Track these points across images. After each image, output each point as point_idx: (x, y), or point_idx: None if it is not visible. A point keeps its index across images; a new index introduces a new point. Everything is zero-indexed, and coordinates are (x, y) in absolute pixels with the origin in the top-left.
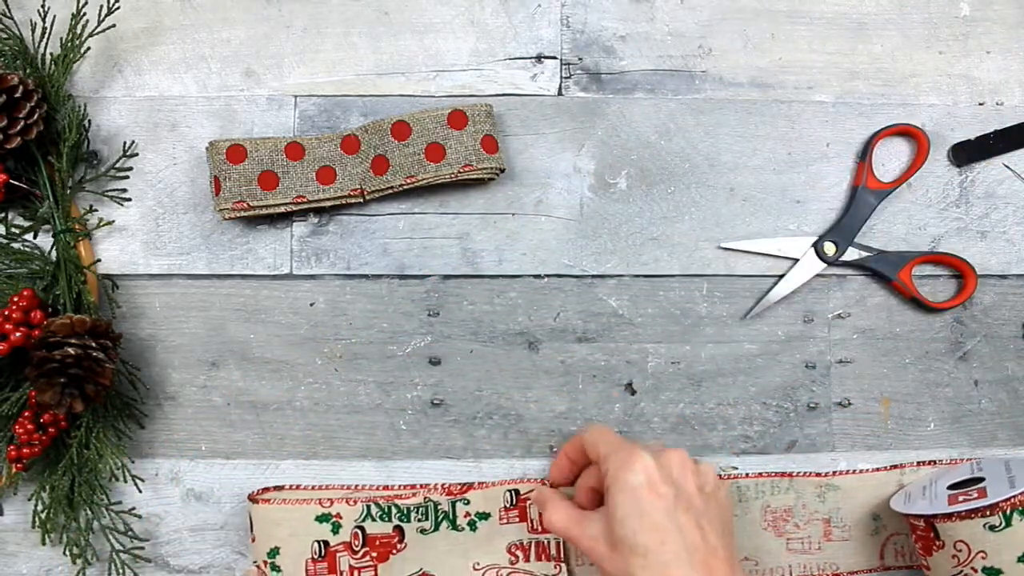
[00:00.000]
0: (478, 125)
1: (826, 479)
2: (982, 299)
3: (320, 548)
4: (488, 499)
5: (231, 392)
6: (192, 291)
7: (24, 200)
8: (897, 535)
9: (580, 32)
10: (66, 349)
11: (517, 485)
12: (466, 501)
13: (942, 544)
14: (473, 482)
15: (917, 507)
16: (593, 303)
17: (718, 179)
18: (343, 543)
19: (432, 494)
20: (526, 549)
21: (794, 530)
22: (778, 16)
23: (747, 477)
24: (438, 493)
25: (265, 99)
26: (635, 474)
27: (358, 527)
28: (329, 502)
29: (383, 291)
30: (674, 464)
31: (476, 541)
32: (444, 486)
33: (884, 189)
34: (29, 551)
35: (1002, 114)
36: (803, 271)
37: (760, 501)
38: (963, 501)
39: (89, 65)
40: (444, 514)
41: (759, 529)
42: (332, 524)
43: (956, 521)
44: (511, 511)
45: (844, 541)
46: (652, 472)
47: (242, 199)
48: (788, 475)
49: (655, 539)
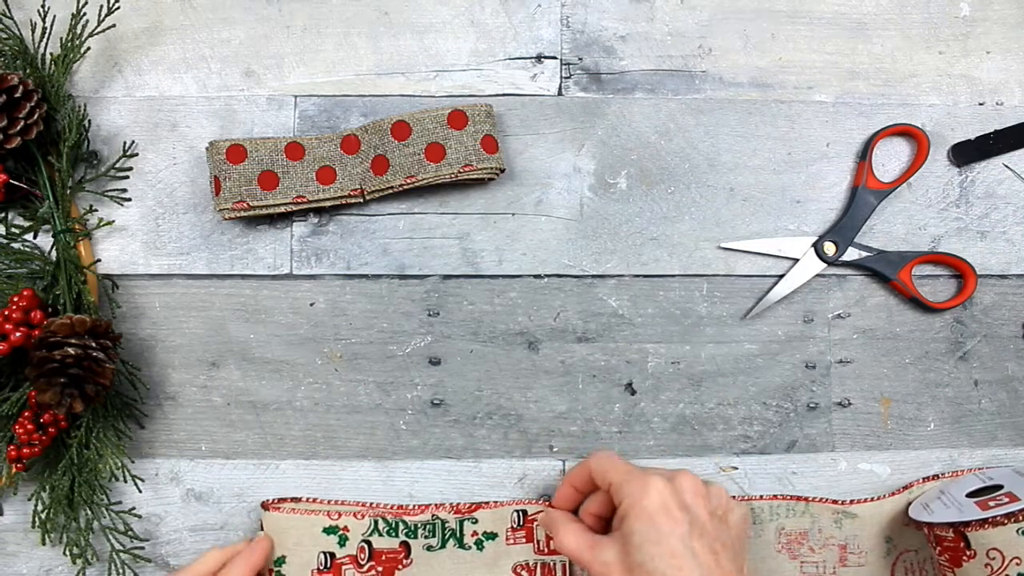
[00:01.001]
0: (478, 125)
1: (843, 507)
2: (982, 299)
3: (326, 560)
4: (496, 519)
5: (231, 392)
6: (192, 291)
7: (24, 200)
8: (908, 552)
9: (580, 32)
10: (66, 349)
11: (525, 506)
12: (474, 520)
13: (973, 553)
14: (482, 502)
15: (944, 516)
16: (593, 303)
17: (718, 179)
18: (349, 556)
19: (440, 512)
20: (532, 570)
21: (808, 554)
22: (778, 16)
23: (761, 499)
24: (446, 511)
25: (265, 99)
26: (651, 500)
27: (365, 541)
28: (337, 515)
29: (383, 291)
30: (686, 489)
31: (482, 561)
32: (453, 505)
33: (884, 189)
34: (29, 551)
35: (1002, 114)
36: (803, 271)
37: (775, 523)
38: (994, 507)
39: (89, 65)
40: (451, 532)
41: (773, 551)
42: (339, 536)
43: (989, 528)
44: (518, 531)
45: (859, 567)
46: (668, 498)
47: (242, 199)
48: (804, 499)
49: (673, 565)
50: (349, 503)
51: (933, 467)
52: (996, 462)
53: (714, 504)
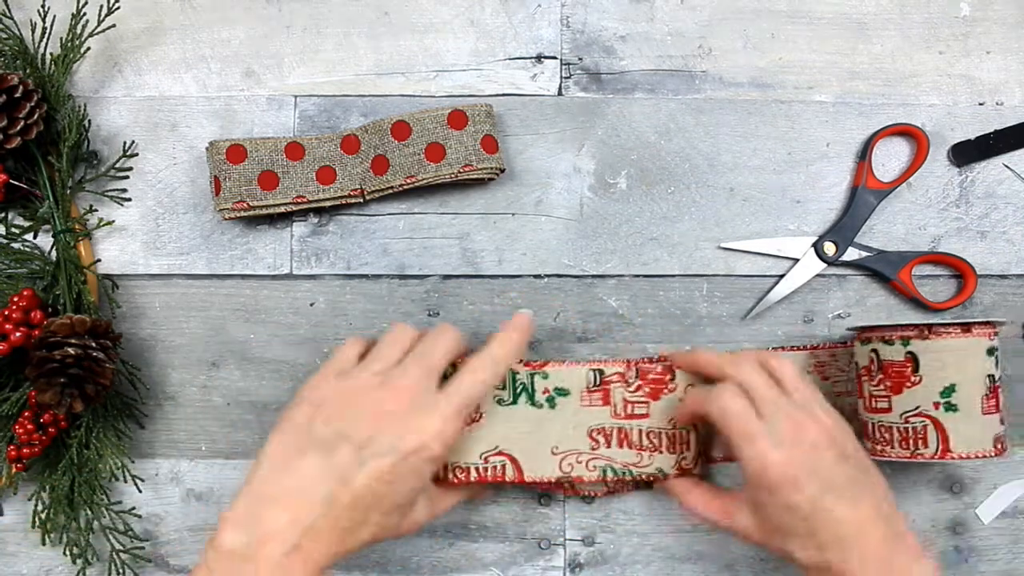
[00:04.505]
0: (478, 125)
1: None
2: (982, 299)
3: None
4: (568, 376)
5: (231, 392)
6: (192, 291)
7: (24, 200)
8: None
9: (580, 32)
10: (66, 349)
11: (602, 366)
12: (544, 375)
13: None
14: (550, 359)
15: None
16: (593, 303)
17: (718, 179)
18: None
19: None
20: (608, 435)
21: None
22: (778, 16)
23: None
24: (517, 363)
25: (265, 99)
26: (773, 473)
27: None
28: None
29: (383, 291)
30: (806, 440)
31: (557, 420)
32: (523, 360)
33: (884, 189)
34: (29, 551)
35: (1002, 114)
36: (803, 271)
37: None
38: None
39: (89, 65)
40: (523, 386)
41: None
42: None
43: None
44: (594, 392)
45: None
46: (788, 467)
47: (242, 199)
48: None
49: (809, 528)
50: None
51: (934, 467)
52: (997, 461)
53: (835, 435)
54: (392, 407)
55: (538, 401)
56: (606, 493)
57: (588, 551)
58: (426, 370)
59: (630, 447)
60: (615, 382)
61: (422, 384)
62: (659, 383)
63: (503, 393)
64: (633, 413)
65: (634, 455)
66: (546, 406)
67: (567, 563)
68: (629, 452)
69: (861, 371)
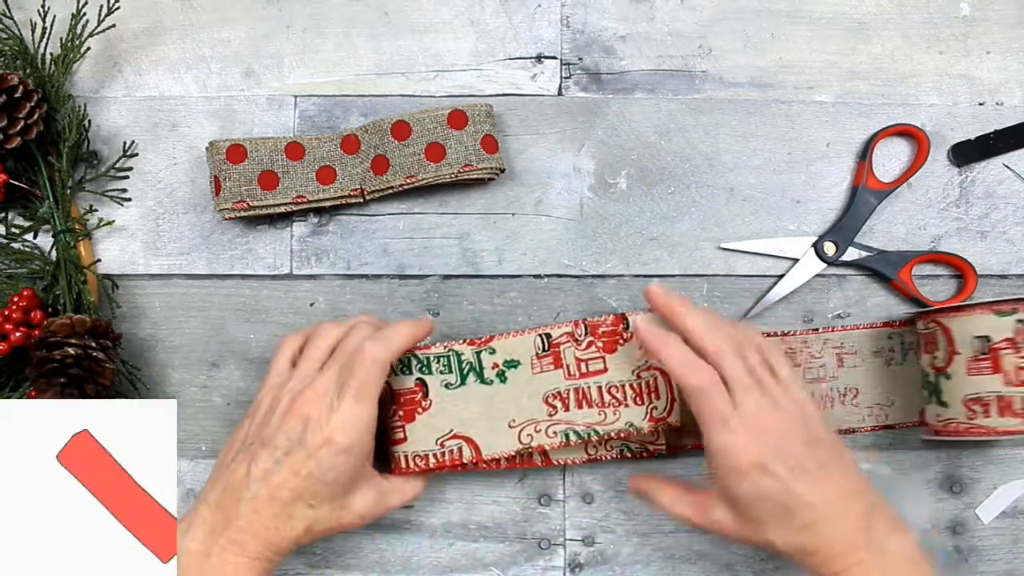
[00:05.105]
0: (478, 125)
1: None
2: (982, 299)
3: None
4: (516, 347)
5: (231, 392)
6: (192, 291)
7: (24, 200)
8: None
9: (580, 32)
10: (66, 349)
11: (549, 330)
12: (491, 351)
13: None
14: (496, 333)
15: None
16: (593, 303)
17: (718, 179)
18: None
19: (454, 345)
20: (564, 398)
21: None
22: (778, 16)
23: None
24: (460, 344)
25: (265, 99)
26: (742, 462)
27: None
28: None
29: (383, 291)
30: (771, 429)
31: (508, 394)
32: (466, 339)
33: (884, 189)
34: None
35: (1002, 114)
36: (803, 271)
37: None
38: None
39: (89, 65)
40: (470, 365)
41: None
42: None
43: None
44: (544, 358)
45: (854, 368)
46: (757, 455)
47: (242, 199)
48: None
49: (783, 514)
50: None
51: (934, 467)
52: (997, 461)
53: (807, 419)
54: (309, 409)
55: (488, 378)
56: (587, 461)
57: (588, 551)
58: (342, 368)
59: (590, 406)
60: (564, 343)
61: (335, 381)
62: (612, 335)
63: (449, 376)
64: (588, 371)
65: (596, 414)
66: (496, 381)
67: (567, 563)
68: (590, 412)
69: (1001, 343)
